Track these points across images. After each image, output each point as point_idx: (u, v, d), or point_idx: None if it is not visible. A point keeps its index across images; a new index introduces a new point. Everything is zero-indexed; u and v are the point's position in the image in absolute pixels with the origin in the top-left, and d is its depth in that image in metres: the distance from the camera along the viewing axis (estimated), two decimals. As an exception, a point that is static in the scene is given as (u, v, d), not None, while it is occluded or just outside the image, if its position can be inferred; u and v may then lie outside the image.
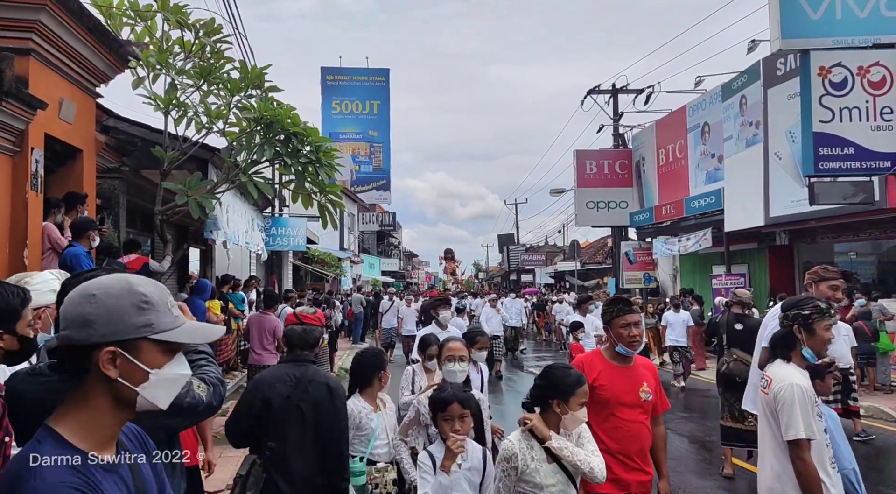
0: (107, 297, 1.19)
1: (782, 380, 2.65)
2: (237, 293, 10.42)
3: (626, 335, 2.98)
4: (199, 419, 1.97)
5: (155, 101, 5.53)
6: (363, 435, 3.36)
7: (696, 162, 16.31)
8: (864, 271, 14.02)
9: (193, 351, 2.12)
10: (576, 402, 2.51)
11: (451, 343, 3.63)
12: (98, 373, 1.19)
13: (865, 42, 9.58)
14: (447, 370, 3.48)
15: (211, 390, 1.95)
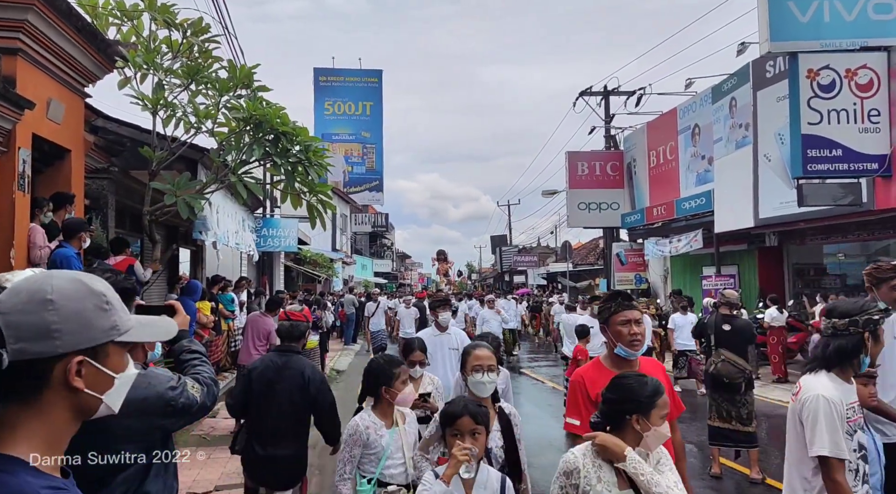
0: (67, 301, 1.08)
1: (810, 390, 2.47)
2: (227, 294, 10.39)
3: (625, 333, 2.63)
4: (193, 418, 1.97)
5: (142, 101, 5.51)
6: (372, 454, 3.00)
7: (686, 164, 16.39)
8: (852, 272, 14.14)
9: (187, 351, 2.13)
10: (658, 415, 2.13)
11: (478, 351, 3.06)
12: (61, 386, 1.08)
13: (853, 45, 9.68)
14: (474, 382, 2.95)
15: (205, 390, 1.95)
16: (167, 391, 1.80)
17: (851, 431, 2.45)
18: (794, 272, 14.69)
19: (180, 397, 1.82)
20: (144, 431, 1.77)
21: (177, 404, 1.80)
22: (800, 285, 14.63)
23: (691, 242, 15.23)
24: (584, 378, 2.68)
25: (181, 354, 2.13)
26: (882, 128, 9.65)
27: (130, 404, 1.72)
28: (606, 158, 20.44)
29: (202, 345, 8.06)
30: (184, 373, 2.01)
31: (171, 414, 1.81)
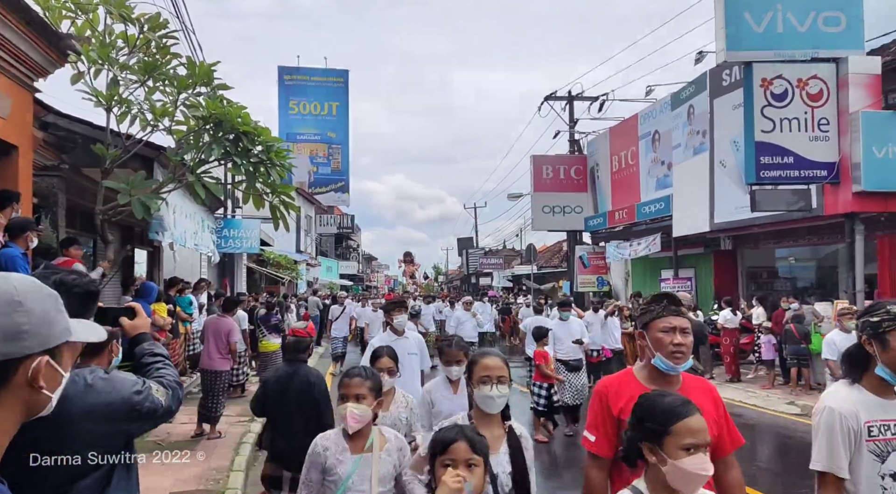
0: (33, 302, 1.09)
1: (823, 400, 2.24)
2: (185, 296, 10.15)
3: (667, 342, 2.21)
4: (158, 423, 1.93)
5: (96, 97, 5.35)
6: (331, 482, 2.59)
7: (647, 169, 16.76)
8: (802, 275, 14.67)
9: (149, 354, 2.08)
10: (675, 445, 1.69)
11: (486, 360, 2.56)
12: (20, 387, 1.09)
13: (804, 56, 10.06)
14: (482, 397, 2.47)
15: (170, 393, 1.91)
16: (132, 395, 1.76)
17: (881, 451, 2.12)
18: (747, 275, 15.16)
19: (145, 401, 1.78)
20: (108, 436, 1.74)
21: (142, 408, 1.77)
22: (753, 287, 15.09)
23: (650, 245, 15.57)
24: (608, 389, 2.32)
25: (143, 357, 2.08)
26: (831, 136, 10.05)
27: (96, 408, 1.70)
28: (570, 163, 20.73)
29: (158, 348, 7.75)
30: (147, 377, 1.97)
31: (136, 419, 1.78)
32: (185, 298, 10.19)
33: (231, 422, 7.57)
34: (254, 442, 7.00)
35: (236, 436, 7.28)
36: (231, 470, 5.90)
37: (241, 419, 8.07)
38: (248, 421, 8.03)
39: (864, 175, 9.63)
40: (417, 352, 5.12)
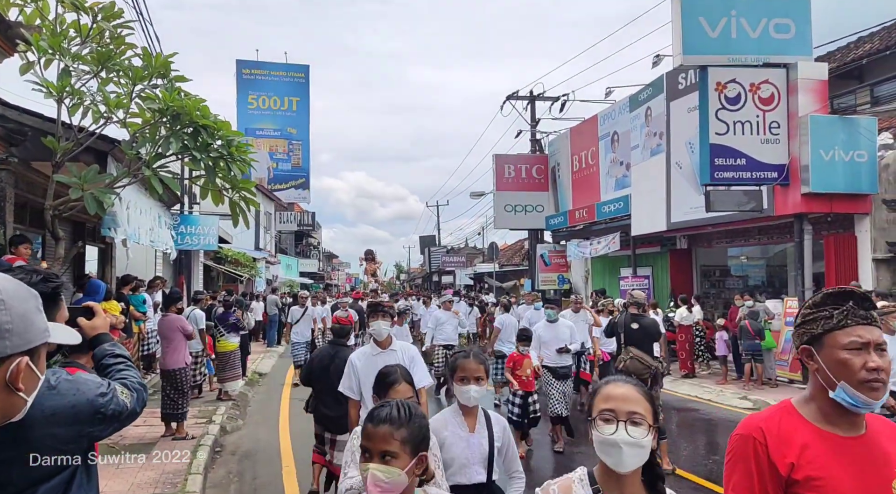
0: (14, 301, 1.05)
1: None
2: (138, 295, 9.86)
3: (857, 366, 1.52)
4: (122, 425, 1.87)
5: (46, 88, 5.13)
6: None
7: (606, 169, 17.08)
8: (753, 274, 15.20)
9: (111, 355, 2.01)
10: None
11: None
12: None
13: (757, 61, 10.41)
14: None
15: (135, 395, 1.85)
16: (97, 397, 1.69)
17: None
18: (701, 274, 15.62)
19: (110, 403, 1.72)
20: (72, 439, 1.67)
21: (107, 411, 1.71)
22: (706, 285, 15.57)
23: (610, 244, 15.88)
24: (766, 435, 1.58)
25: (104, 358, 2.01)
26: (781, 139, 10.43)
27: (60, 412, 1.63)
28: (532, 162, 20.96)
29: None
30: (109, 378, 1.90)
31: (101, 422, 1.71)
32: (139, 296, 9.90)
33: (188, 424, 7.39)
34: (213, 444, 6.91)
35: (195, 437, 7.12)
36: (189, 473, 5.76)
37: (199, 421, 7.89)
38: (205, 423, 7.86)
39: (812, 177, 10.04)
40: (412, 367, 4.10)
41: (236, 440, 7.65)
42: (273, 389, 11.38)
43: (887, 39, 13.36)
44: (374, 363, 3.75)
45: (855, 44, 14.65)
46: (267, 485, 5.95)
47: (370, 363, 3.88)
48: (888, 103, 12.69)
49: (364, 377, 3.85)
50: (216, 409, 8.74)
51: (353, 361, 4.08)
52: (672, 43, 10.55)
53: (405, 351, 4.16)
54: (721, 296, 15.05)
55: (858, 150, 10.22)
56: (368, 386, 3.34)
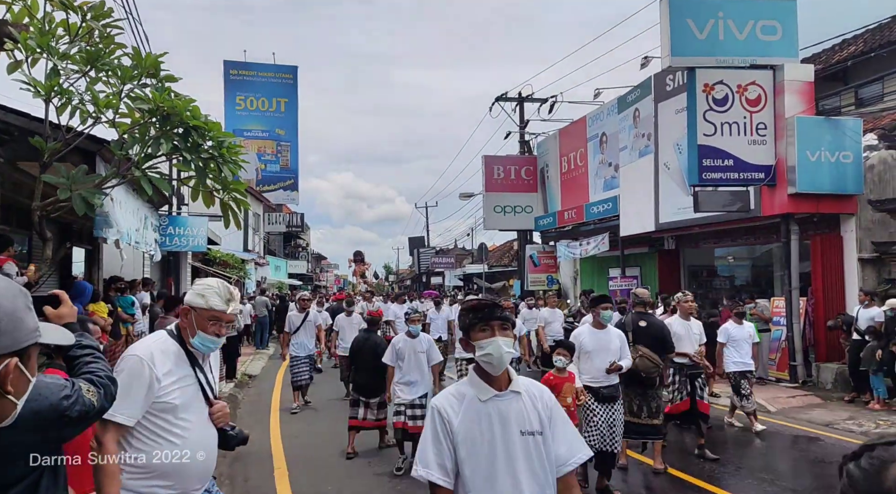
0: (3, 299, 1.01)
1: None
2: (126, 296, 9.76)
3: None
4: (90, 424, 1.81)
5: (34, 87, 5.06)
6: None
7: (595, 170, 17.17)
8: (740, 274, 15.35)
9: (78, 346, 1.93)
10: None
11: None
12: None
13: (744, 62, 10.52)
14: None
15: (101, 391, 1.78)
16: (61, 401, 1.62)
17: None
18: (689, 274, 15.75)
19: (75, 405, 1.65)
20: (37, 445, 1.61)
21: (72, 413, 1.65)
22: (694, 285, 15.70)
23: (599, 244, 15.97)
24: None
25: (71, 350, 1.93)
26: (768, 140, 10.55)
27: (22, 418, 1.54)
28: (521, 163, 21.02)
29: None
30: (76, 372, 1.84)
31: (66, 425, 1.66)
32: (127, 298, 9.80)
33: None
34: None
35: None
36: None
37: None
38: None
39: (799, 178, 10.16)
40: None
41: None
42: (263, 391, 11.32)
43: (871, 42, 13.57)
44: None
45: (839, 46, 14.86)
46: (258, 487, 5.92)
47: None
48: (872, 105, 12.89)
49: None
50: (206, 411, 8.67)
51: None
52: (660, 45, 10.64)
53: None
54: (708, 296, 15.17)
55: (844, 151, 10.36)
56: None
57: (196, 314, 2.47)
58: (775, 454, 6.93)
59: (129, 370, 2.35)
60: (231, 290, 2.51)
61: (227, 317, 2.48)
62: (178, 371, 2.43)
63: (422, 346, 6.48)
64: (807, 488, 5.69)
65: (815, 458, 6.69)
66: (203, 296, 2.45)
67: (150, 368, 2.34)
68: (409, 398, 6.28)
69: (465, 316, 2.13)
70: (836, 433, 7.75)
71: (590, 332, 5.58)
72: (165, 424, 2.36)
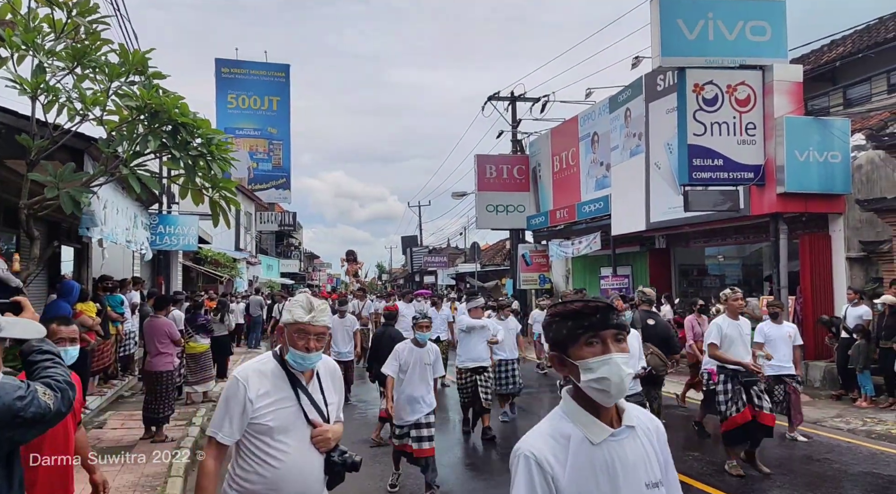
0: None
1: None
2: (115, 296, 9.70)
3: None
4: (47, 427, 1.79)
5: (20, 84, 5.02)
6: None
7: (586, 169, 17.22)
8: (730, 272, 15.43)
9: (38, 351, 1.93)
10: None
11: None
12: None
13: (733, 62, 10.58)
14: None
15: (59, 395, 1.78)
16: (15, 401, 1.64)
17: None
18: (679, 273, 15.83)
19: (29, 407, 1.66)
20: None
21: (26, 414, 1.65)
22: (685, 284, 15.78)
23: (591, 243, 16.01)
24: None
25: (31, 354, 1.94)
26: (757, 140, 10.62)
27: None
28: (513, 162, 21.05)
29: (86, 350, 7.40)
30: (34, 376, 1.84)
31: (19, 426, 1.66)
32: (116, 297, 9.74)
33: (168, 427, 7.30)
34: (193, 446, 6.81)
35: (174, 439, 7.04)
36: (168, 476, 5.68)
37: (179, 423, 7.79)
38: (185, 425, 7.76)
39: (788, 177, 10.22)
40: None
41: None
42: (253, 390, 11.26)
43: (859, 43, 13.67)
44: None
45: (828, 47, 14.96)
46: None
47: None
48: (860, 105, 12.99)
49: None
50: (196, 411, 8.63)
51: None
52: (651, 45, 10.67)
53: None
54: (699, 295, 15.24)
55: (832, 151, 10.44)
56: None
57: (287, 331, 2.42)
58: (762, 451, 6.97)
59: (227, 390, 2.37)
60: (313, 301, 2.43)
61: (312, 328, 2.36)
62: (275, 393, 2.37)
63: (430, 357, 5.64)
64: (796, 484, 5.72)
65: (804, 456, 6.74)
66: (289, 311, 2.41)
67: (243, 388, 2.33)
68: (412, 418, 5.41)
69: (562, 325, 1.55)
70: (824, 430, 7.80)
71: None
72: (263, 446, 2.33)
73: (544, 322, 1.65)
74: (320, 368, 2.51)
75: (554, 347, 1.59)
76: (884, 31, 13.32)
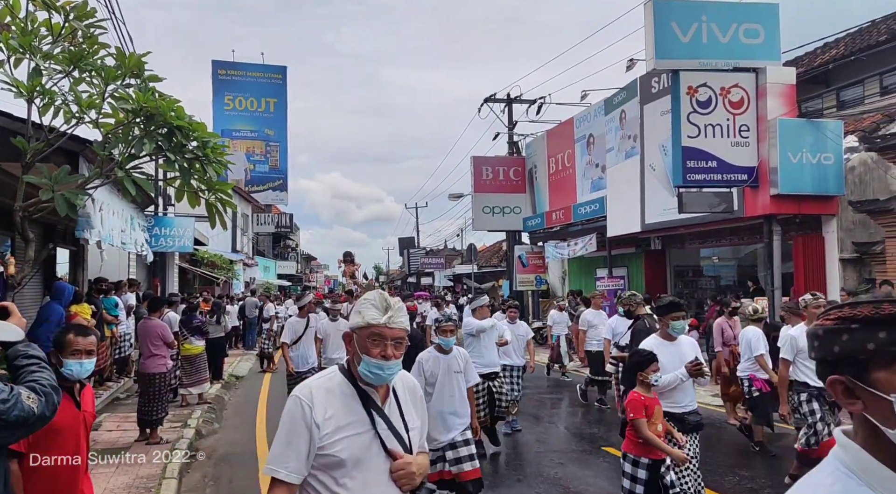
0: None
1: None
2: (110, 298, 9.71)
3: None
4: (31, 430, 1.81)
5: (16, 87, 5.04)
6: None
7: (582, 171, 17.28)
8: (725, 274, 15.50)
9: (24, 356, 1.96)
10: None
11: None
12: None
13: (727, 65, 10.65)
14: None
15: (43, 399, 1.80)
16: None
17: None
18: (675, 274, 15.89)
19: (12, 410, 1.69)
20: None
21: (9, 417, 1.67)
22: (680, 285, 15.83)
23: (587, 245, 16.07)
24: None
25: (16, 359, 1.96)
26: (751, 142, 10.68)
27: None
28: (510, 164, 21.10)
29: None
30: (19, 380, 1.86)
31: (1, 428, 1.68)
32: (111, 299, 9.75)
33: (162, 429, 7.32)
34: (188, 448, 6.85)
35: (169, 441, 7.05)
36: (163, 478, 5.71)
37: (174, 425, 7.81)
38: (180, 427, 7.78)
39: (781, 179, 10.29)
40: None
41: (212, 443, 7.58)
42: (250, 392, 11.29)
43: (852, 45, 13.76)
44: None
45: (821, 49, 15.05)
46: (244, 489, 5.92)
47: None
48: (853, 107, 13.08)
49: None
50: (191, 413, 8.65)
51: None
52: (645, 48, 10.74)
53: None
54: (694, 296, 15.31)
55: (825, 152, 10.51)
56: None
57: (357, 337, 1.97)
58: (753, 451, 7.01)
59: (288, 414, 1.90)
60: (388, 298, 1.99)
61: (389, 331, 1.92)
62: (345, 415, 1.90)
63: (458, 364, 4.79)
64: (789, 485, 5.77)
65: (795, 455, 6.78)
66: (359, 312, 1.97)
67: (307, 409, 1.86)
68: (446, 438, 4.48)
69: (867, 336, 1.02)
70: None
71: (659, 345, 4.38)
72: (332, 484, 1.86)
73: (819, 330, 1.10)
74: (397, 384, 2.05)
75: (837, 367, 1.07)
76: (876, 34, 13.41)
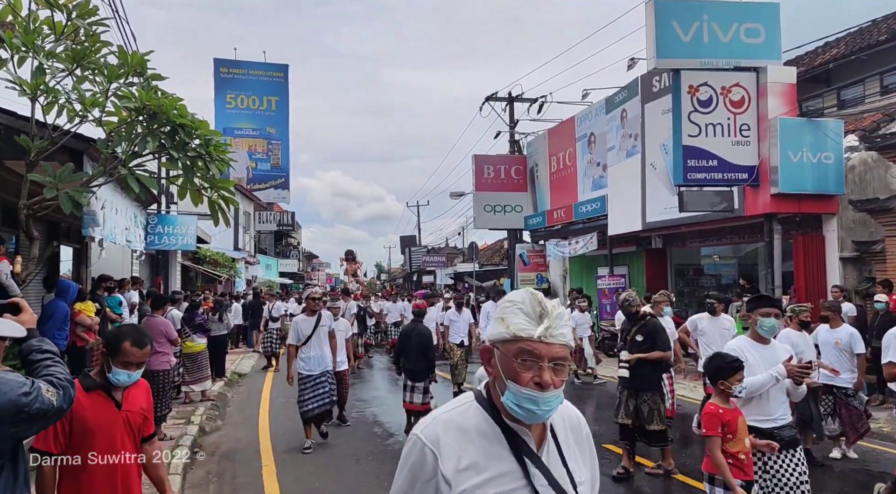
0: None
1: None
2: (114, 296, 9.75)
3: None
4: (49, 423, 1.84)
5: (20, 85, 5.08)
6: None
7: (583, 170, 17.29)
8: (725, 272, 15.52)
9: (38, 350, 1.99)
10: None
11: None
12: None
13: (728, 64, 10.66)
14: None
15: (61, 393, 1.84)
16: (20, 397, 1.69)
17: None
18: (675, 273, 15.90)
19: (34, 402, 1.72)
20: None
21: (31, 410, 1.70)
22: (681, 284, 15.85)
23: (588, 243, 16.09)
24: None
25: (31, 354, 1.99)
26: (751, 141, 10.70)
27: None
28: (511, 163, 21.12)
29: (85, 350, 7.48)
30: (35, 375, 1.89)
31: (24, 421, 1.71)
32: (115, 297, 9.79)
33: (166, 426, 7.37)
34: (192, 444, 6.88)
35: (173, 438, 7.10)
36: (167, 474, 5.74)
37: (177, 422, 7.86)
38: (183, 424, 7.83)
39: (781, 178, 10.30)
40: None
41: (215, 440, 7.64)
42: (253, 390, 11.34)
43: (852, 45, 13.76)
44: None
45: (822, 49, 15.05)
46: (247, 485, 5.96)
47: None
48: (854, 106, 13.08)
49: None
50: (195, 410, 8.70)
51: None
52: (646, 47, 10.75)
53: None
54: (695, 294, 15.33)
55: (826, 152, 10.52)
56: None
57: (501, 354, 1.42)
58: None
59: (406, 462, 1.46)
60: (544, 301, 1.43)
61: (547, 348, 1.37)
62: (488, 466, 1.40)
63: None
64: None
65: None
66: (503, 319, 1.42)
67: (434, 459, 1.40)
68: None
69: None
70: (816, 428, 7.87)
71: (750, 348, 3.75)
72: None
73: None
74: (556, 421, 1.50)
75: None
76: (877, 34, 13.41)
